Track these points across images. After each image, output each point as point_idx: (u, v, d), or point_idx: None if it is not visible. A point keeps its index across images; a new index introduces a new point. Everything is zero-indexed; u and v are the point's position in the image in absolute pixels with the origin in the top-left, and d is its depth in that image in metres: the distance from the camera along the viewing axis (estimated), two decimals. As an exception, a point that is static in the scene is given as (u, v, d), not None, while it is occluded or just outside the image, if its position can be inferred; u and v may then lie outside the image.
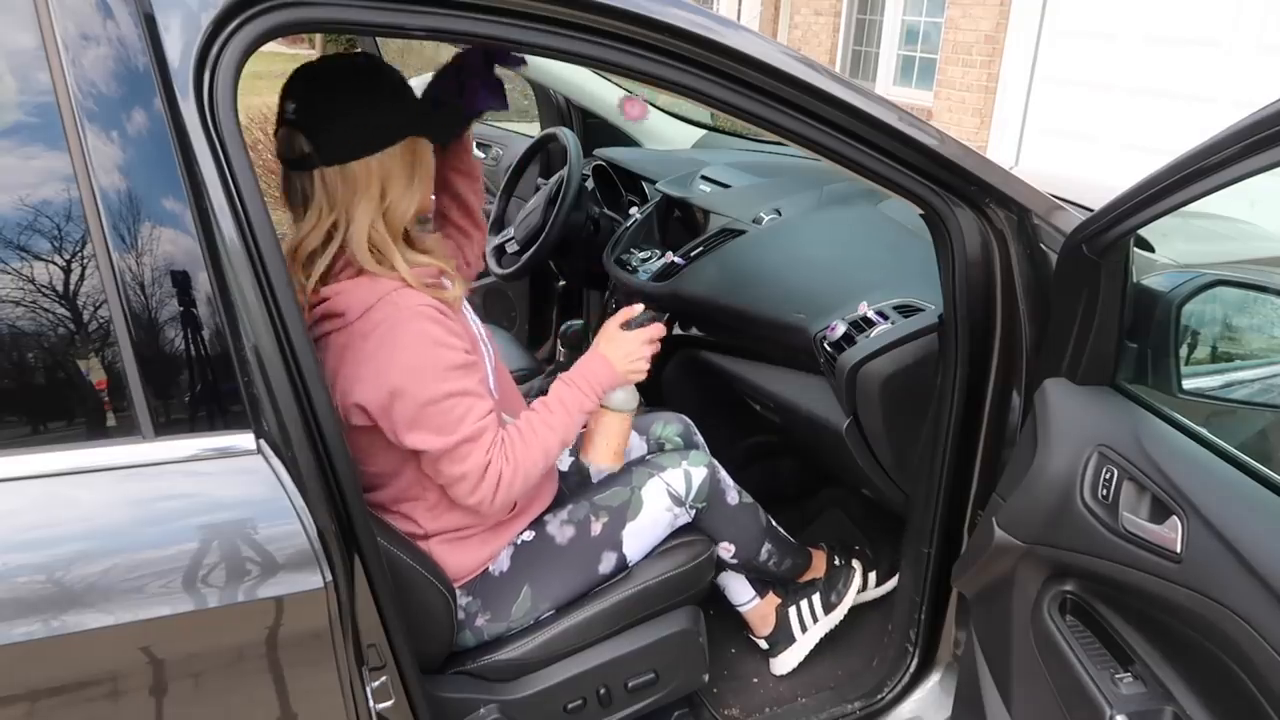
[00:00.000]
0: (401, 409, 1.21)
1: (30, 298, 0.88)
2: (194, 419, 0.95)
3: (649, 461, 1.59)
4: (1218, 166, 0.93)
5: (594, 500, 1.52)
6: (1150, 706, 1.08)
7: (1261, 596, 0.91)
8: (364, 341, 1.21)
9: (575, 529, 1.49)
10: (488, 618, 1.44)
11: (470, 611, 1.44)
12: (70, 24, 0.87)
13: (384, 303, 1.22)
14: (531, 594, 1.45)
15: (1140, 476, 1.08)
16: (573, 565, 1.48)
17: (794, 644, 1.81)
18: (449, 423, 1.23)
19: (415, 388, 1.20)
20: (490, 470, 1.26)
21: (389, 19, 1.00)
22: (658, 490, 1.54)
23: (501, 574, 1.46)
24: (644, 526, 1.52)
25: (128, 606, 0.91)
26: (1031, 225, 1.32)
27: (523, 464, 1.29)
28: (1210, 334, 1.38)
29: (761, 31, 1.59)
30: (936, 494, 1.51)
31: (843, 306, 1.64)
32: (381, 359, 1.20)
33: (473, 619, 1.44)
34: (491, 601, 1.45)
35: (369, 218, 1.23)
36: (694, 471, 1.57)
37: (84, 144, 0.87)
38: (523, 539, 1.48)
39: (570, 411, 1.38)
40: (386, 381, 1.20)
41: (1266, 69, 4.64)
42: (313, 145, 1.22)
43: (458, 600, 1.42)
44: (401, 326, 1.21)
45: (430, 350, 1.22)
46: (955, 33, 6.35)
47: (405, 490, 1.37)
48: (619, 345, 1.43)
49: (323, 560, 0.98)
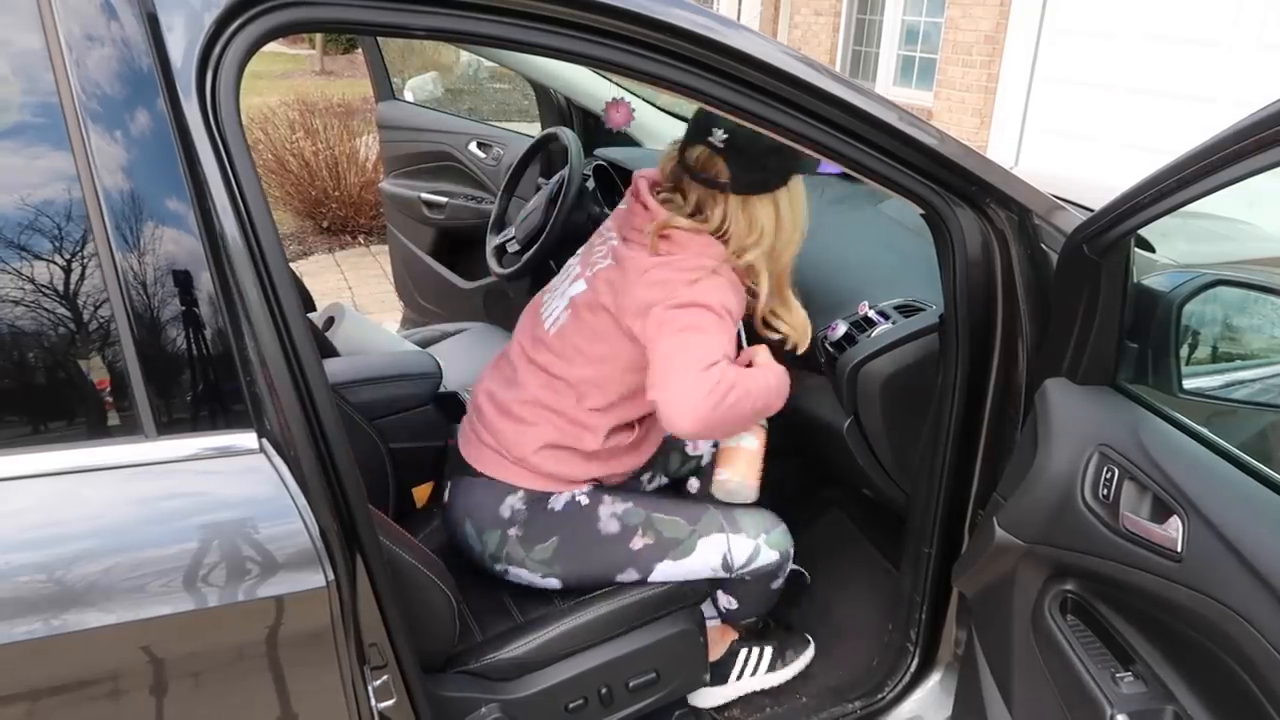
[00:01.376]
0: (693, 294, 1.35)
1: (33, 297, 0.88)
2: (196, 418, 0.95)
3: (728, 513, 1.56)
4: (1218, 166, 0.93)
5: (652, 515, 1.51)
6: (1151, 706, 1.08)
7: (1262, 596, 0.91)
8: (697, 269, 1.37)
9: (620, 529, 1.49)
10: (519, 534, 1.48)
11: (516, 518, 1.48)
12: (73, 24, 0.87)
13: (722, 266, 1.41)
14: (557, 547, 1.48)
15: (1141, 476, 1.09)
16: (598, 557, 1.50)
17: (724, 685, 1.75)
18: (713, 323, 1.34)
19: (713, 296, 1.35)
20: (719, 367, 1.30)
21: (390, 19, 1.00)
22: (715, 548, 1.52)
23: (552, 511, 1.49)
24: (680, 571, 1.52)
25: (129, 605, 0.91)
26: (1032, 225, 1.32)
27: (737, 384, 1.31)
28: (1210, 334, 1.39)
29: (761, 31, 1.59)
30: (937, 494, 1.51)
31: (843, 306, 1.64)
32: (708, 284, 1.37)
33: (512, 524, 1.48)
34: (531, 524, 1.48)
35: (756, 241, 1.42)
36: (764, 553, 1.55)
37: (87, 143, 0.87)
38: (579, 498, 1.50)
39: (773, 391, 1.43)
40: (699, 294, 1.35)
41: (1266, 68, 4.64)
42: (729, 175, 1.41)
43: (513, 499, 1.49)
44: (731, 277, 1.42)
45: (733, 291, 1.40)
46: (955, 33, 6.35)
47: (583, 380, 1.45)
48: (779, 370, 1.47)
49: (324, 559, 0.98)
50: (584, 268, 1.51)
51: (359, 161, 5.61)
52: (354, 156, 5.61)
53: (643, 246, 1.42)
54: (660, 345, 1.33)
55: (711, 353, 1.31)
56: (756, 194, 1.42)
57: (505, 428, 1.50)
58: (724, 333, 1.35)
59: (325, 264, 5.28)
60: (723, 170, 1.41)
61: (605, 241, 1.51)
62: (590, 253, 1.53)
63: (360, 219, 5.64)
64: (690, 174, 1.45)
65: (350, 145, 5.64)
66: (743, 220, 1.42)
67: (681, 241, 1.41)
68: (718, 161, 1.41)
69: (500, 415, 1.52)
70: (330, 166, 5.52)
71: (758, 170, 1.41)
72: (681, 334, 1.32)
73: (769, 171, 1.42)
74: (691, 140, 1.44)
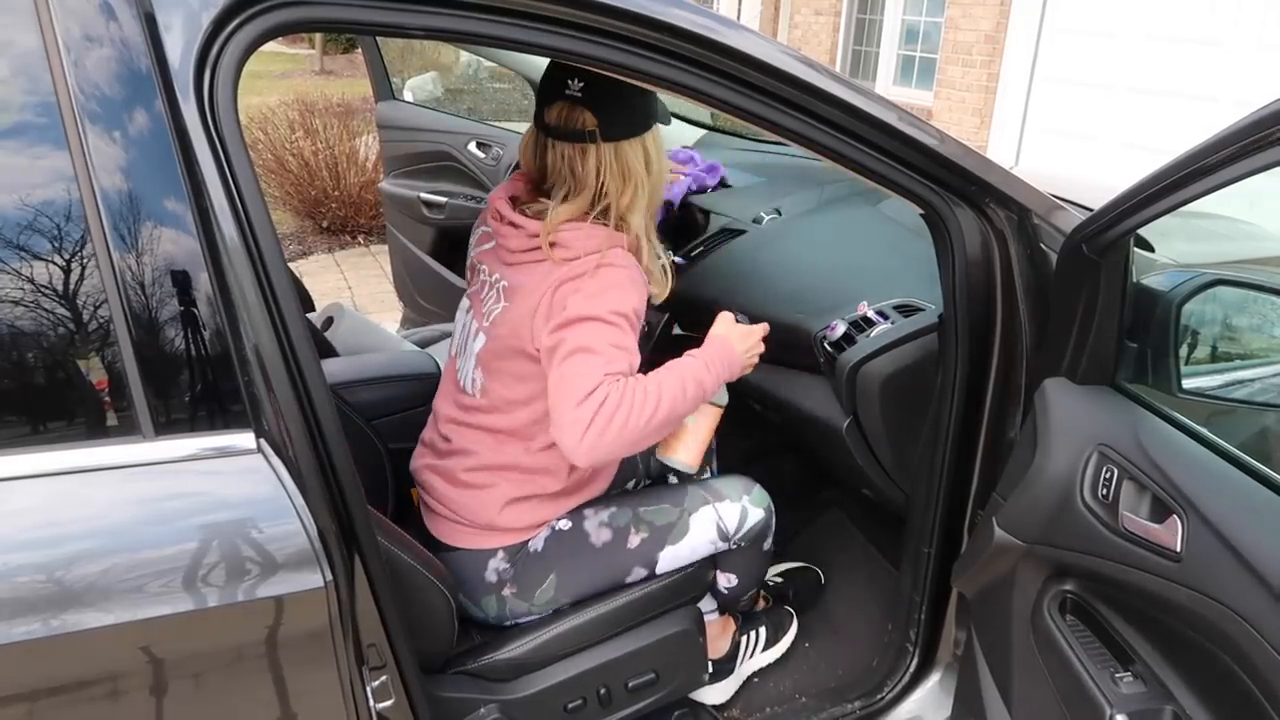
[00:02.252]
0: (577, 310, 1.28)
1: (31, 297, 0.88)
2: (194, 418, 0.95)
3: (707, 486, 1.56)
4: (1218, 166, 0.93)
5: (638, 511, 1.50)
6: (1150, 706, 1.08)
7: (1261, 596, 0.91)
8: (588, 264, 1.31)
9: (613, 534, 1.48)
10: (514, 590, 1.45)
11: (503, 578, 1.45)
12: (71, 23, 0.87)
13: (617, 251, 1.34)
14: (556, 583, 1.46)
15: (1140, 476, 1.08)
16: (601, 568, 1.48)
17: (731, 675, 1.78)
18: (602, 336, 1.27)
19: (603, 305, 1.28)
20: (598, 392, 1.22)
21: (389, 19, 0.99)
22: (707, 520, 1.51)
23: (535, 553, 1.47)
24: (682, 553, 1.51)
25: (128, 606, 0.91)
26: (1031, 225, 1.32)
27: (631, 404, 1.23)
28: (1210, 334, 1.38)
29: (761, 31, 1.59)
30: (936, 494, 1.51)
31: (843, 306, 1.64)
32: (599, 281, 1.30)
33: (502, 585, 1.45)
34: (523, 576, 1.46)
35: (633, 193, 1.36)
36: (752, 511, 1.55)
37: (84, 143, 0.87)
38: (559, 526, 1.48)
39: (692, 381, 1.32)
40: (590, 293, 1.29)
41: (1266, 68, 4.64)
42: (597, 121, 1.32)
43: (495, 562, 1.44)
44: (627, 272, 1.33)
45: (636, 300, 1.32)
46: (955, 32, 6.35)
47: (526, 423, 1.40)
48: (739, 335, 1.42)
49: (323, 560, 0.98)
50: (479, 319, 1.44)
51: (359, 161, 5.61)
52: (354, 156, 5.61)
53: (530, 268, 1.36)
54: (550, 378, 1.28)
55: (590, 378, 1.23)
56: (627, 139, 1.35)
57: (460, 497, 1.45)
58: (615, 342, 1.27)
59: (325, 264, 5.28)
60: (588, 119, 1.33)
61: (492, 286, 1.43)
62: (480, 302, 1.45)
63: (360, 219, 5.64)
64: (553, 134, 1.35)
65: (350, 145, 5.64)
66: (616, 169, 1.35)
67: (566, 242, 1.34)
68: (581, 112, 1.33)
69: (452, 486, 1.47)
70: (330, 166, 5.52)
71: (625, 111, 1.34)
72: (564, 362, 1.26)
73: (636, 113, 1.36)
74: (547, 100, 1.35)
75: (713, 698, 1.76)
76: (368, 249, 5.53)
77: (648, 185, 1.38)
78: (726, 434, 1.95)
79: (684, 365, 1.34)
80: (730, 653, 1.77)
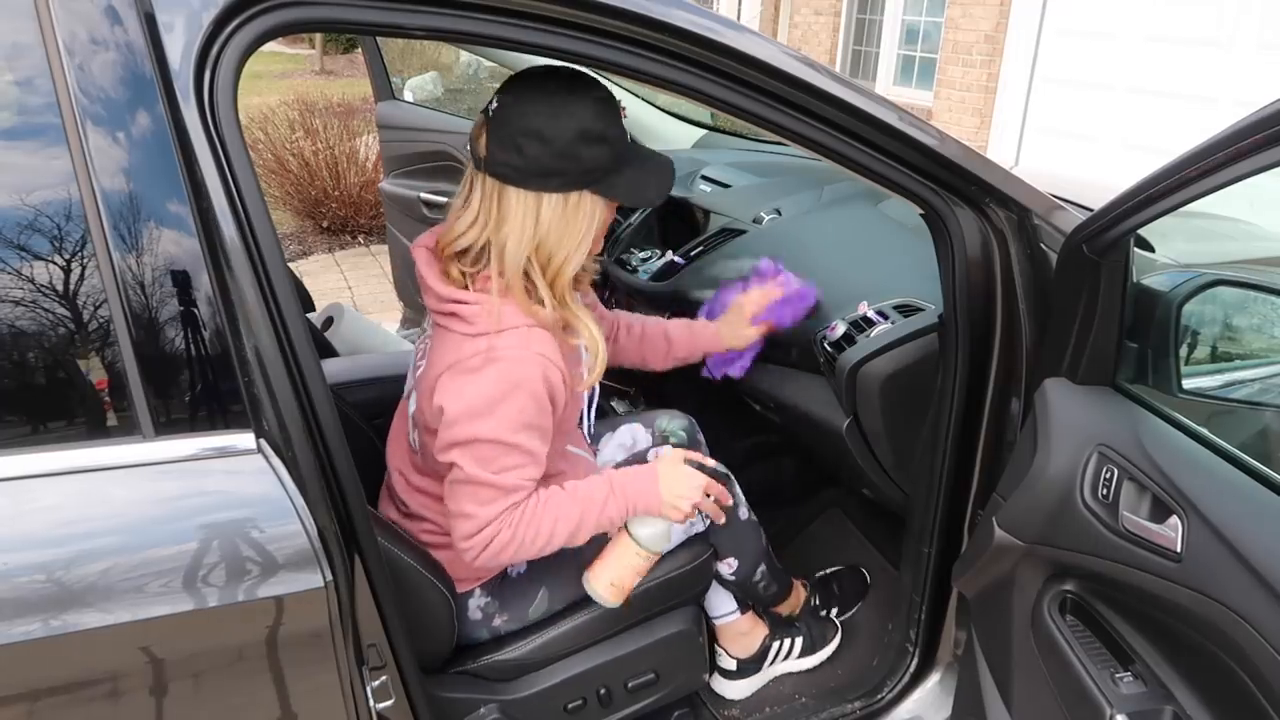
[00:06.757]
0: (465, 429, 1.19)
1: (32, 297, 0.88)
2: (194, 418, 0.95)
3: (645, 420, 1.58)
4: (1218, 166, 0.93)
5: None
6: (1150, 706, 1.08)
7: (1261, 596, 0.91)
8: (477, 358, 1.19)
9: None
10: (505, 619, 1.44)
11: (488, 612, 1.43)
12: (72, 23, 0.87)
13: (513, 334, 1.19)
14: (548, 596, 1.45)
15: (1140, 476, 1.08)
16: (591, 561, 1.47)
17: (757, 674, 1.78)
18: (494, 461, 1.20)
19: (491, 422, 1.18)
20: (490, 529, 1.21)
21: (389, 19, 0.99)
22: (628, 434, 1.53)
23: (519, 575, 1.46)
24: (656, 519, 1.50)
25: (128, 606, 0.91)
26: (1031, 225, 1.32)
27: (523, 539, 1.23)
28: (1210, 334, 1.38)
29: (761, 31, 1.58)
30: (936, 494, 1.51)
31: (843, 306, 1.64)
32: (484, 383, 1.19)
33: (490, 619, 1.44)
34: (509, 603, 1.44)
35: (520, 248, 1.19)
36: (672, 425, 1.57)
37: (85, 144, 0.87)
38: None
39: (593, 512, 1.28)
40: (475, 404, 1.18)
41: (1266, 68, 4.64)
42: (487, 150, 1.18)
43: (475, 600, 1.42)
44: (516, 367, 1.19)
45: (527, 402, 1.19)
46: (955, 32, 6.35)
47: None
48: (674, 475, 1.33)
49: (323, 560, 0.98)
50: (411, 376, 1.35)
51: (359, 161, 5.62)
52: (354, 156, 5.61)
53: (442, 332, 1.24)
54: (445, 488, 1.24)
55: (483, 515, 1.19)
56: (509, 184, 1.17)
57: (430, 552, 1.40)
58: (512, 465, 1.20)
59: (325, 264, 5.28)
60: (483, 142, 1.19)
61: (425, 334, 1.31)
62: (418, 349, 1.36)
63: (360, 219, 5.65)
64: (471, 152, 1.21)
65: (350, 145, 5.64)
66: (494, 212, 1.19)
67: (468, 316, 1.20)
68: (483, 132, 1.19)
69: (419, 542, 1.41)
70: (330, 166, 5.53)
71: (512, 153, 1.15)
72: (458, 487, 1.21)
73: (528, 162, 1.15)
74: None
75: (732, 693, 1.78)
76: (368, 249, 5.53)
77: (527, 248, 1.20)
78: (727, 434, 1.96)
79: (590, 491, 1.29)
80: (758, 654, 1.77)
